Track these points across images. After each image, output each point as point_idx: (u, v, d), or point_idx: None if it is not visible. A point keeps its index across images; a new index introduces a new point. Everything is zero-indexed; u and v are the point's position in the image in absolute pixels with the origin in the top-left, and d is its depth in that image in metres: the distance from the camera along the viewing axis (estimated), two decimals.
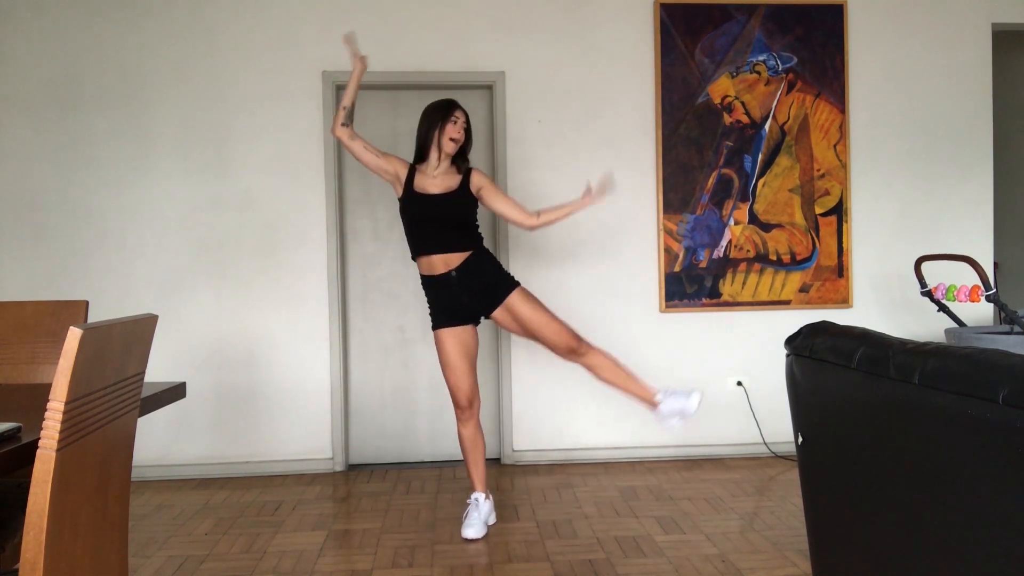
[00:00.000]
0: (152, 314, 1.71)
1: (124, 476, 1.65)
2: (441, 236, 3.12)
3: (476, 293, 3.14)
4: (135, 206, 4.10)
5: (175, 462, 4.11)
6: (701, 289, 4.29)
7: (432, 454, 4.31)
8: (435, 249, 3.12)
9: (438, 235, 3.13)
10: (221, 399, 4.13)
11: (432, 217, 3.15)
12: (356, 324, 4.29)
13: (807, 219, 4.34)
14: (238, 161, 4.12)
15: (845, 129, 4.34)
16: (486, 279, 3.15)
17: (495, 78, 4.21)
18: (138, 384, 1.67)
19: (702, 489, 3.71)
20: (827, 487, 1.66)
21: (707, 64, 4.28)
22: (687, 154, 4.27)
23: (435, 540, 3.09)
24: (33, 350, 2.37)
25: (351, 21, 4.15)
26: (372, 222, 4.29)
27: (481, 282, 3.14)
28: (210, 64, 4.11)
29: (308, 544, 3.08)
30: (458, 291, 3.13)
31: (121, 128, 4.09)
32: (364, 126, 4.29)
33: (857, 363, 1.47)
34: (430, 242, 3.13)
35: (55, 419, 1.32)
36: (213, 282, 4.12)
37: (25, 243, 4.06)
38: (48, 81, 4.06)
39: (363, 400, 4.28)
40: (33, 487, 1.31)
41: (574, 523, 3.26)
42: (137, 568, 2.85)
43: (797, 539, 3.01)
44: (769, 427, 4.32)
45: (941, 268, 4.35)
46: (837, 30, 4.33)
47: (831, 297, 4.35)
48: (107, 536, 1.57)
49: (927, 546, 1.31)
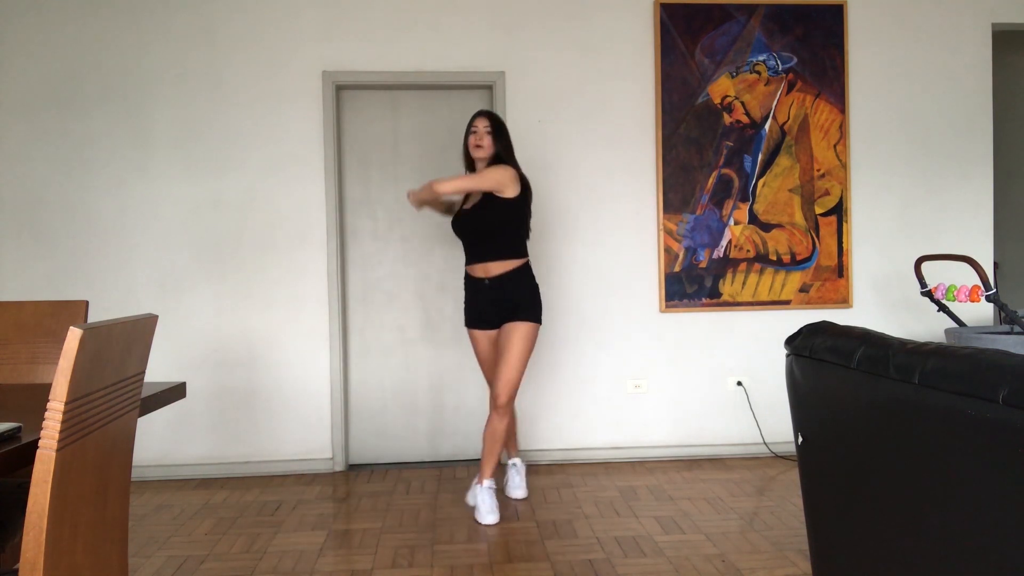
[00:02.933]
0: (152, 314, 1.71)
1: (124, 476, 1.65)
2: (477, 248, 3.32)
3: (501, 304, 3.30)
4: (135, 206, 4.10)
5: (175, 462, 4.11)
6: (701, 289, 4.29)
7: (432, 454, 4.31)
8: (474, 259, 3.34)
9: (474, 248, 3.34)
10: (221, 399, 4.13)
11: (466, 232, 3.34)
12: (356, 324, 4.29)
13: (807, 219, 4.34)
14: (238, 161, 4.12)
15: (845, 129, 4.34)
16: (515, 298, 3.28)
17: (495, 78, 4.21)
18: (138, 384, 1.67)
19: (702, 489, 3.71)
20: (827, 487, 1.66)
21: (707, 64, 4.28)
22: (687, 154, 4.27)
23: (435, 540, 3.09)
24: (33, 350, 2.37)
25: (351, 21, 4.16)
26: (372, 222, 4.29)
27: (509, 298, 3.28)
28: (210, 64, 4.11)
29: (308, 544, 3.08)
30: (488, 298, 3.32)
31: (121, 128, 4.09)
32: (364, 126, 4.29)
33: (857, 363, 1.47)
34: (469, 253, 3.38)
35: (55, 419, 1.32)
36: (213, 282, 4.12)
37: (25, 243, 4.06)
38: (48, 81, 4.06)
39: (363, 400, 4.28)
40: (33, 487, 1.31)
41: (574, 523, 3.26)
42: (137, 568, 2.85)
43: (797, 539, 3.01)
44: (769, 427, 4.32)
45: (941, 268, 4.36)
46: (837, 30, 4.33)
47: (831, 297, 4.35)
48: (107, 536, 1.57)
49: (927, 546, 1.31)
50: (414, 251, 4.30)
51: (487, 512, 3.26)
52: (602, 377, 4.27)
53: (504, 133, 3.37)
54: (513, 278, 3.29)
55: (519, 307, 3.28)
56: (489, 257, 3.30)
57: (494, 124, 3.35)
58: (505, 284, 3.29)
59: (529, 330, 3.26)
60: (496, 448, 3.32)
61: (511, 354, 3.25)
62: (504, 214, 3.26)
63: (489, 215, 3.29)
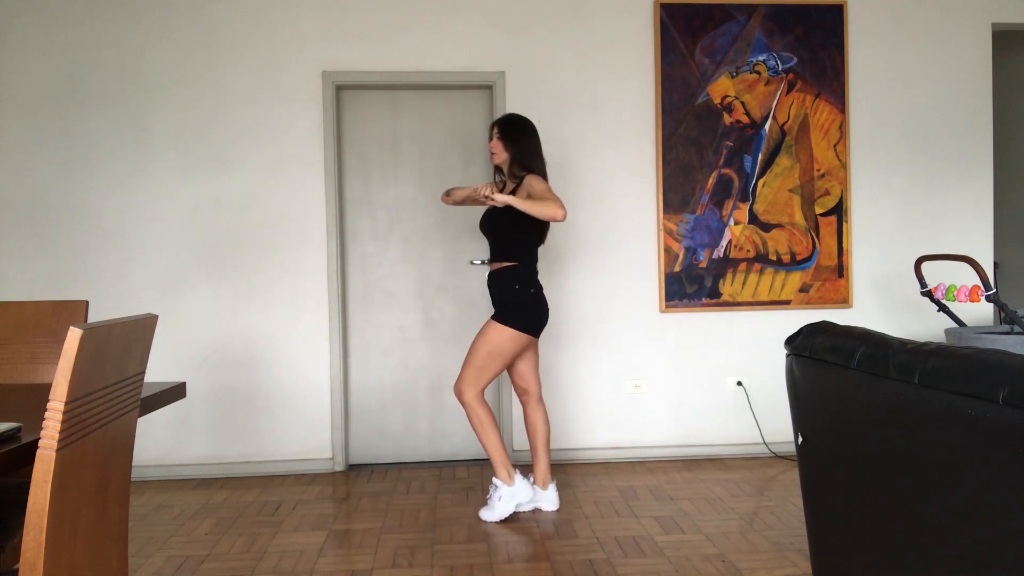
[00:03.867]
0: (152, 314, 1.71)
1: (124, 476, 1.65)
2: (490, 246, 3.42)
3: (492, 298, 3.41)
4: (135, 206, 4.10)
5: (175, 462, 4.11)
6: (701, 289, 4.29)
7: (432, 454, 4.31)
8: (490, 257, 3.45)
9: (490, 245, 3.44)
10: (221, 399, 4.13)
11: (484, 230, 3.45)
12: (356, 324, 4.29)
13: (807, 219, 4.34)
14: (238, 161, 4.12)
15: (845, 129, 4.34)
16: (497, 298, 3.36)
17: (495, 78, 4.21)
18: (138, 384, 1.67)
19: (702, 489, 3.71)
20: (827, 487, 1.66)
21: (707, 64, 4.28)
22: (687, 154, 4.27)
23: (435, 540, 3.09)
24: (33, 350, 2.37)
25: (351, 21, 4.16)
26: (372, 222, 4.29)
27: (494, 297, 3.38)
28: (210, 64, 4.11)
29: (308, 544, 3.08)
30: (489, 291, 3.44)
31: (121, 128, 4.09)
32: (364, 126, 4.29)
33: (857, 363, 1.47)
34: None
35: (55, 419, 1.32)
36: (213, 282, 4.12)
37: (25, 243, 4.06)
38: (48, 81, 4.06)
39: (363, 400, 4.28)
40: (33, 487, 1.31)
41: (574, 523, 3.26)
42: (137, 568, 2.85)
43: (797, 539, 3.01)
44: (769, 427, 4.32)
45: (941, 268, 4.36)
46: (837, 30, 4.33)
47: (831, 297, 4.35)
48: (107, 536, 1.57)
49: (927, 546, 1.31)
50: (414, 251, 4.30)
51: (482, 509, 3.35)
52: (602, 377, 4.27)
53: (515, 134, 3.36)
54: (496, 278, 3.35)
55: (496, 305, 3.36)
56: (491, 255, 3.41)
57: (502, 129, 3.37)
58: (492, 283, 3.37)
59: (493, 331, 3.27)
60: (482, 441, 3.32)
61: (471, 347, 3.32)
62: (502, 218, 3.31)
63: (493, 219, 3.37)
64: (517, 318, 3.27)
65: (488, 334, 3.28)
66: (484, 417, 3.30)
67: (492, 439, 3.30)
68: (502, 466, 3.31)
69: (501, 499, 3.30)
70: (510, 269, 3.32)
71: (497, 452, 3.32)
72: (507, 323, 3.26)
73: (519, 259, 3.33)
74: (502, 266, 3.34)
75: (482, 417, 3.29)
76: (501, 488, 3.30)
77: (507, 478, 3.31)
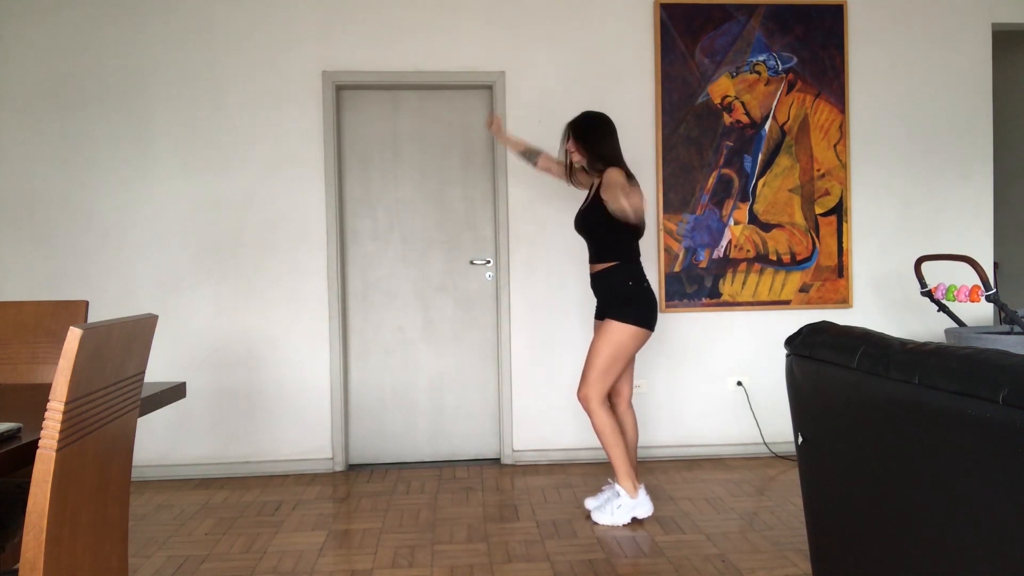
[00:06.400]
0: (152, 314, 1.71)
1: (124, 476, 1.65)
2: (588, 246, 3.41)
3: (600, 301, 3.38)
4: (135, 206, 4.10)
5: (175, 462, 4.11)
6: (701, 289, 4.29)
7: (432, 454, 4.31)
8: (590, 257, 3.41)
9: (587, 245, 3.42)
10: (221, 399, 4.13)
11: (577, 230, 3.44)
12: (356, 324, 4.29)
13: (807, 219, 4.34)
14: (238, 161, 4.12)
15: (845, 129, 4.34)
16: (607, 296, 3.33)
17: (495, 78, 4.21)
18: (138, 384, 1.67)
19: (702, 489, 3.71)
20: (827, 487, 1.66)
21: (707, 64, 4.28)
22: (687, 154, 4.27)
23: (435, 540, 3.09)
24: (33, 350, 2.37)
25: (351, 21, 4.16)
26: (372, 222, 4.29)
27: (602, 297, 3.36)
28: (210, 64, 4.11)
29: (308, 544, 3.08)
30: (595, 292, 3.41)
31: (121, 128, 4.09)
32: (364, 126, 4.29)
33: (857, 363, 1.47)
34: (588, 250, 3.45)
35: (55, 419, 1.32)
36: (213, 282, 4.12)
37: (25, 243, 4.06)
38: (48, 81, 4.06)
39: (363, 400, 4.28)
40: (33, 487, 1.31)
41: (574, 523, 3.26)
42: (137, 568, 2.85)
43: (797, 539, 3.01)
44: (769, 427, 4.32)
45: (941, 268, 4.36)
46: (837, 30, 4.33)
47: (831, 297, 4.35)
48: (107, 536, 1.57)
49: (927, 546, 1.31)
50: (414, 251, 4.30)
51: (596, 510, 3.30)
52: None
53: (588, 132, 3.34)
54: (602, 278, 3.32)
55: (610, 306, 3.29)
56: (590, 256, 3.39)
57: (574, 132, 3.36)
58: (598, 284, 3.35)
59: (615, 330, 3.24)
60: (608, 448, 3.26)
61: (591, 350, 3.27)
62: (598, 217, 3.27)
63: (586, 218, 3.36)
64: (636, 314, 3.24)
65: (609, 335, 3.23)
66: (610, 424, 3.25)
67: (619, 447, 3.25)
68: (627, 477, 3.25)
69: (621, 507, 3.24)
70: (613, 268, 3.28)
71: (623, 461, 3.25)
72: (627, 320, 3.23)
73: (620, 257, 3.29)
74: (604, 267, 3.30)
75: (609, 424, 3.24)
76: (624, 498, 3.25)
77: (632, 490, 3.25)
